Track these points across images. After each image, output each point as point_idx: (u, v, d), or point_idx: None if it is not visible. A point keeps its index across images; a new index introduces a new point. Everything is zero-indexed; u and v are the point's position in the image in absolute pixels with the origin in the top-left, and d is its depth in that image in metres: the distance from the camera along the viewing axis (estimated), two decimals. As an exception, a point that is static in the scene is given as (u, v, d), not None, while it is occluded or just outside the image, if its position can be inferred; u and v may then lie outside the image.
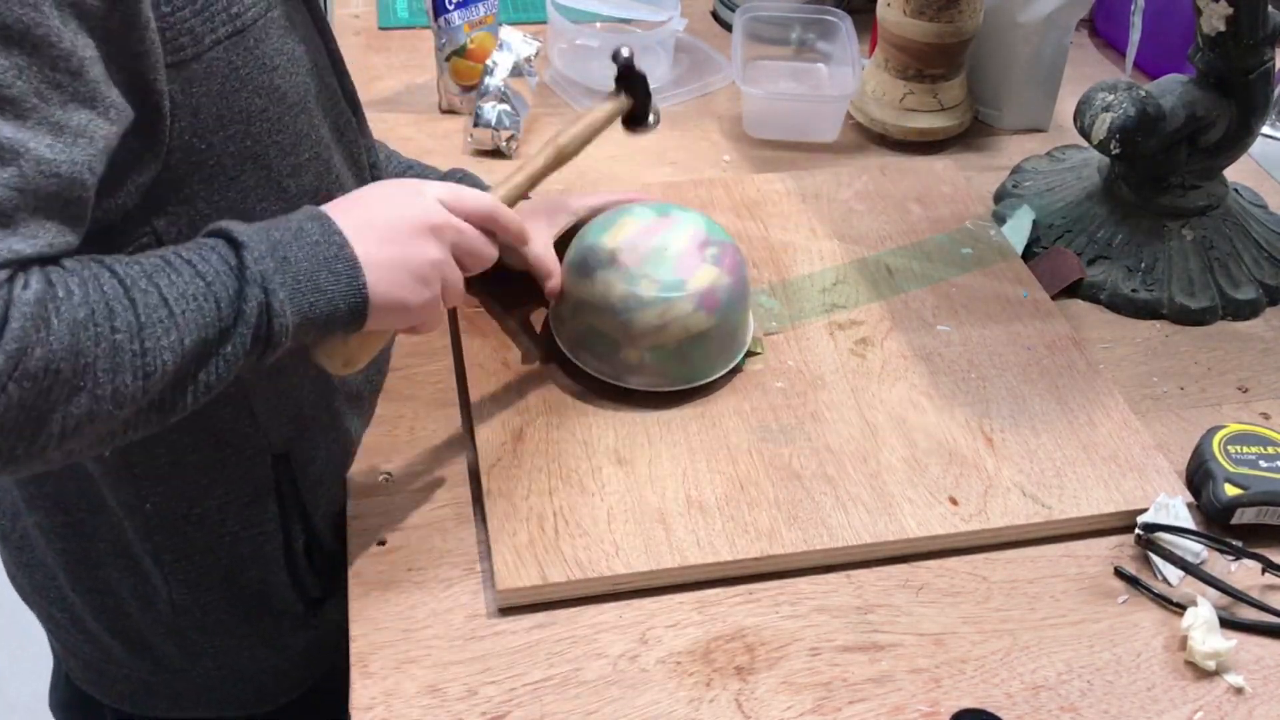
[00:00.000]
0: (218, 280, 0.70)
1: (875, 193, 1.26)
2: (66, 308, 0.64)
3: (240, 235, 0.72)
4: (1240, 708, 0.82)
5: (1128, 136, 1.11)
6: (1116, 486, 0.94)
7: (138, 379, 0.67)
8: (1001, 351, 1.07)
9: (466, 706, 0.79)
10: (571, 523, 0.89)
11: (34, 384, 0.62)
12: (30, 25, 0.62)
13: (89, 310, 0.65)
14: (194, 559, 0.89)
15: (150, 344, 0.67)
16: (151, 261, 0.69)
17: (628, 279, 0.97)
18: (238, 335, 0.71)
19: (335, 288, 0.74)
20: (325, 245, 0.74)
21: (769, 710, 0.80)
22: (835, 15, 1.46)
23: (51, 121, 0.64)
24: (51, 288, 0.64)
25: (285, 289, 0.72)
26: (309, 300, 0.73)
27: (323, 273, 0.74)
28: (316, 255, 0.74)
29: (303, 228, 0.74)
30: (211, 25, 0.73)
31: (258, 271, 0.71)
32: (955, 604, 0.88)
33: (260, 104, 0.78)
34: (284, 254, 0.72)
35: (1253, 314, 1.17)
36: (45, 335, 0.63)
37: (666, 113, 1.42)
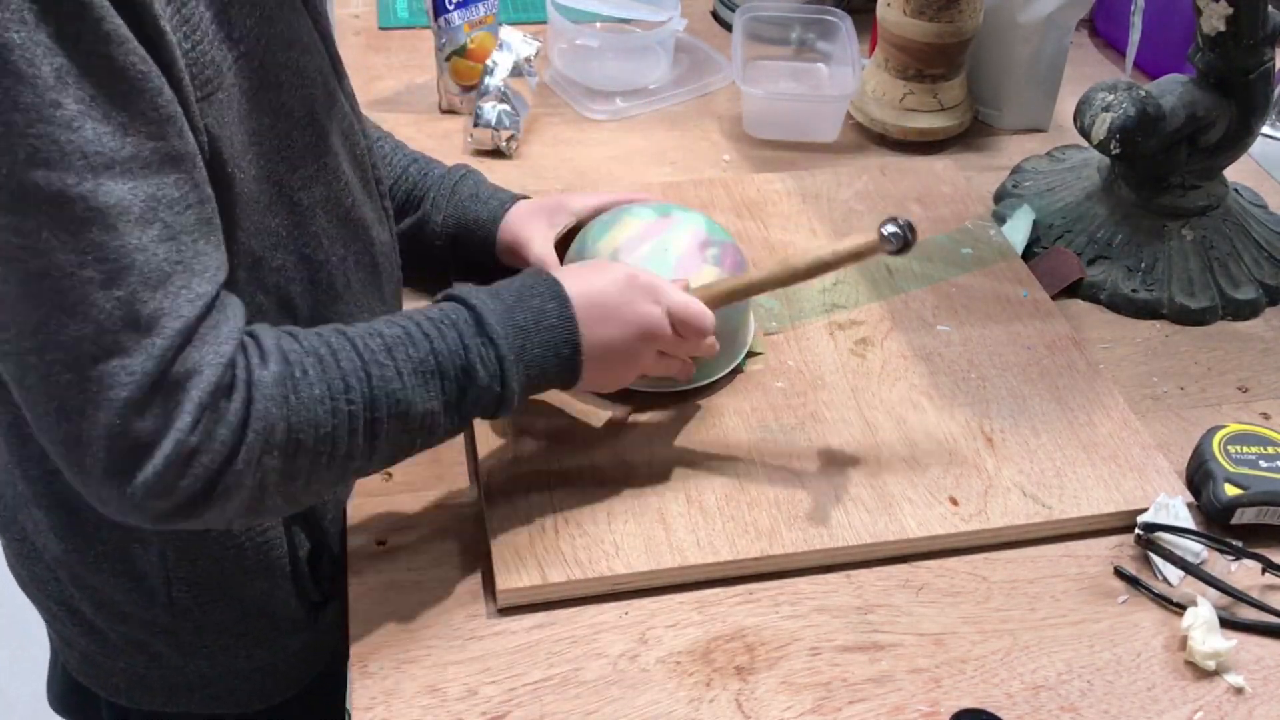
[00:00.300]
0: (449, 360, 0.77)
1: (875, 193, 1.26)
2: (304, 385, 0.72)
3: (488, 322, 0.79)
4: (1240, 708, 0.82)
5: (1128, 136, 1.11)
6: (1116, 486, 0.94)
7: (368, 440, 0.75)
8: (1001, 351, 1.07)
9: (466, 706, 0.79)
10: (571, 523, 0.89)
11: (282, 453, 0.71)
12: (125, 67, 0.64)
13: (325, 386, 0.72)
14: (197, 564, 0.89)
15: (380, 413, 0.75)
16: (394, 333, 0.77)
17: None
18: (464, 409, 0.79)
19: (556, 369, 0.83)
20: (560, 330, 0.82)
21: (769, 710, 0.80)
22: (835, 15, 1.46)
23: (167, 154, 0.67)
24: (289, 366, 0.72)
25: (518, 378, 0.80)
26: (533, 381, 0.82)
27: (550, 357, 0.82)
28: (550, 341, 0.82)
29: (544, 309, 0.82)
30: (223, 52, 0.73)
31: (499, 370, 0.79)
32: (955, 604, 0.88)
33: (268, 122, 0.78)
34: (523, 342, 0.81)
35: (1253, 314, 1.17)
36: (285, 411, 0.71)
37: (667, 112, 1.43)
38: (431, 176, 1.08)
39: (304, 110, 0.81)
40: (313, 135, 0.82)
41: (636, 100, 1.43)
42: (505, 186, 1.09)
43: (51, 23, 0.61)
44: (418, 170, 1.08)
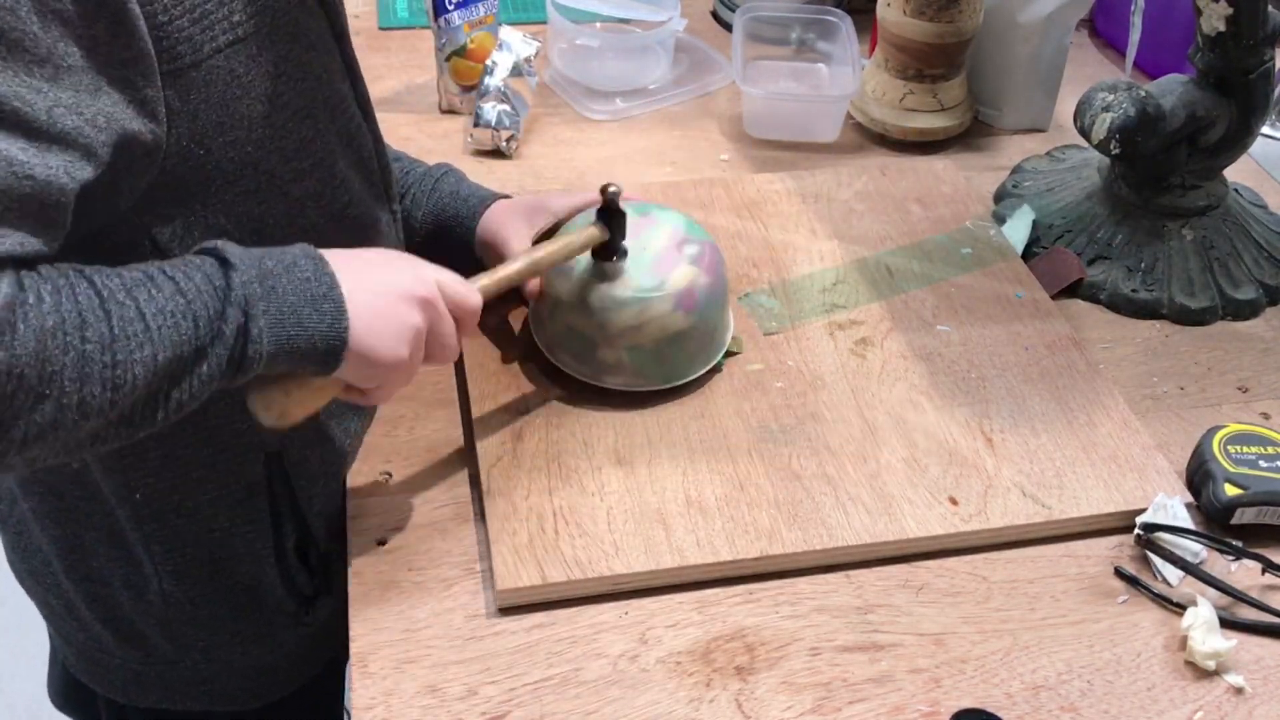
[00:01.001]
0: (199, 299, 0.70)
1: (875, 193, 1.26)
2: (35, 314, 0.63)
3: (231, 256, 0.72)
4: (1240, 708, 0.82)
5: (1128, 136, 1.11)
6: (1116, 486, 0.94)
7: (106, 391, 0.66)
8: (1001, 351, 1.07)
9: (466, 706, 0.79)
10: (571, 523, 0.89)
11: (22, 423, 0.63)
12: (6, 29, 0.62)
13: (59, 318, 0.64)
14: (184, 551, 0.89)
15: (122, 357, 0.66)
16: (134, 275, 0.69)
17: (605, 278, 0.97)
18: (213, 355, 0.70)
19: (317, 326, 0.74)
20: (315, 283, 0.75)
21: (769, 710, 0.80)
22: (835, 15, 1.46)
23: (27, 125, 0.63)
24: (22, 292, 0.63)
25: (267, 317, 0.72)
26: (289, 332, 0.73)
27: (307, 308, 0.74)
28: (304, 291, 0.74)
29: (296, 262, 0.75)
30: (211, 34, 0.73)
31: (242, 295, 0.71)
32: (955, 604, 0.88)
33: (262, 110, 0.77)
34: (272, 283, 0.73)
35: (1253, 314, 1.17)
36: (9, 339, 0.62)
37: (667, 112, 1.43)
38: (413, 174, 1.08)
39: (302, 104, 0.81)
40: (309, 131, 0.82)
41: (636, 100, 1.43)
42: (505, 186, 1.10)
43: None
44: (399, 168, 1.08)
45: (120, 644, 0.95)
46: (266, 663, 0.98)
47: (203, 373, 0.70)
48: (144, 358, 0.67)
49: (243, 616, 0.94)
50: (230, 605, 0.93)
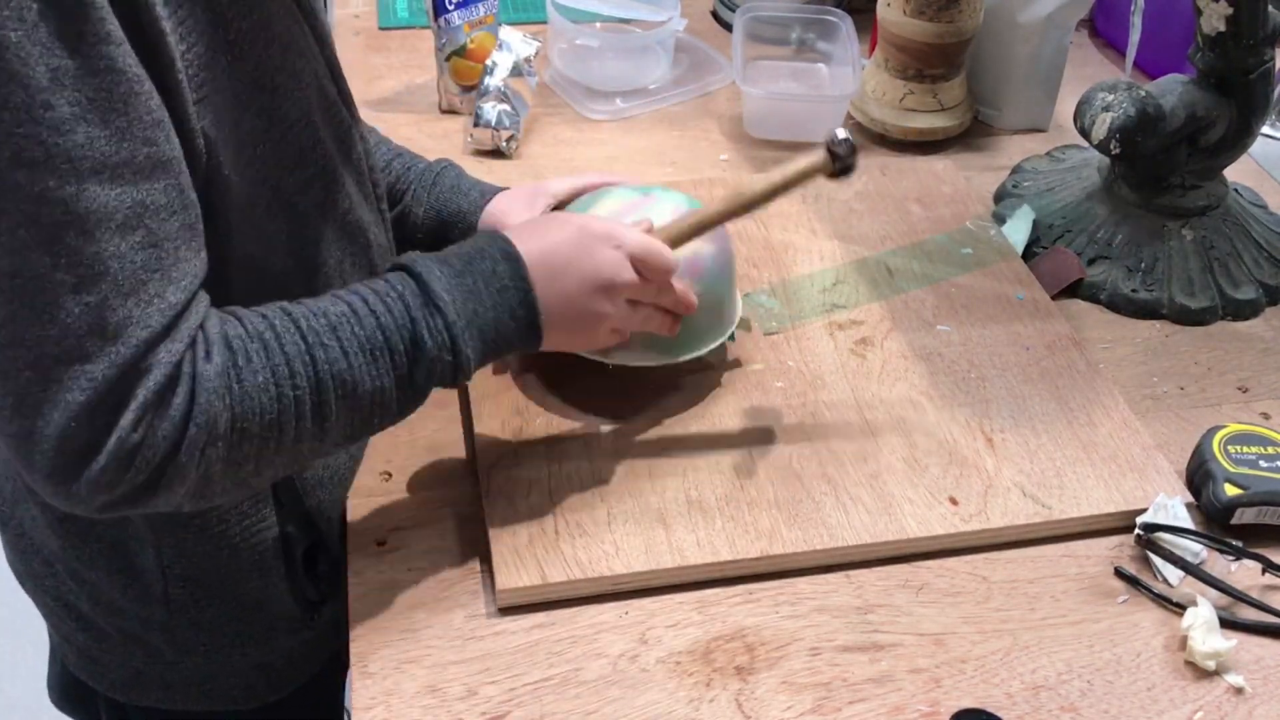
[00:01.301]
0: (397, 334, 0.76)
1: (875, 193, 1.26)
2: (248, 374, 0.71)
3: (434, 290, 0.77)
4: (1240, 708, 0.82)
5: (1128, 136, 1.11)
6: (1116, 486, 0.94)
7: (317, 423, 0.74)
8: (1001, 351, 1.07)
9: (466, 706, 0.79)
10: (571, 523, 0.89)
11: (226, 443, 0.70)
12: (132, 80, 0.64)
13: (270, 373, 0.71)
14: (193, 561, 0.89)
15: (327, 395, 0.73)
16: (339, 310, 0.75)
17: None
18: (417, 383, 0.77)
19: (515, 331, 0.81)
20: (514, 291, 0.80)
21: (769, 710, 0.80)
22: (835, 15, 1.46)
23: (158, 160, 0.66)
24: (233, 354, 0.70)
25: (472, 343, 0.79)
26: (490, 344, 0.80)
27: (506, 319, 0.80)
28: (503, 302, 0.80)
29: (495, 270, 0.80)
30: (217, 55, 0.72)
31: (447, 337, 0.77)
32: (955, 604, 0.88)
33: (262, 125, 0.77)
34: (474, 306, 0.79)
35: (1253, 314, 1.17)
36: (229, 401, 0.70)
37: (667, 112, 1.43)
38: (414, 171, 1.08)
39: (299, 114, 0.81)
40: (309, 139, 0.82)
41: (636, 100, 1.43)
42: (505, 186, 1.09)
43: (51, 21, 0.61)
44: (400, 165, 1.08)
45: (121, 644, 0.95)
46: (268, 663, 0.98)
47: (409, 394, 0.78)
48: (347, 392, 0.74)
49: (247, 621, 0.94)
50: (235, 611, 0.93)
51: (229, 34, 0.73)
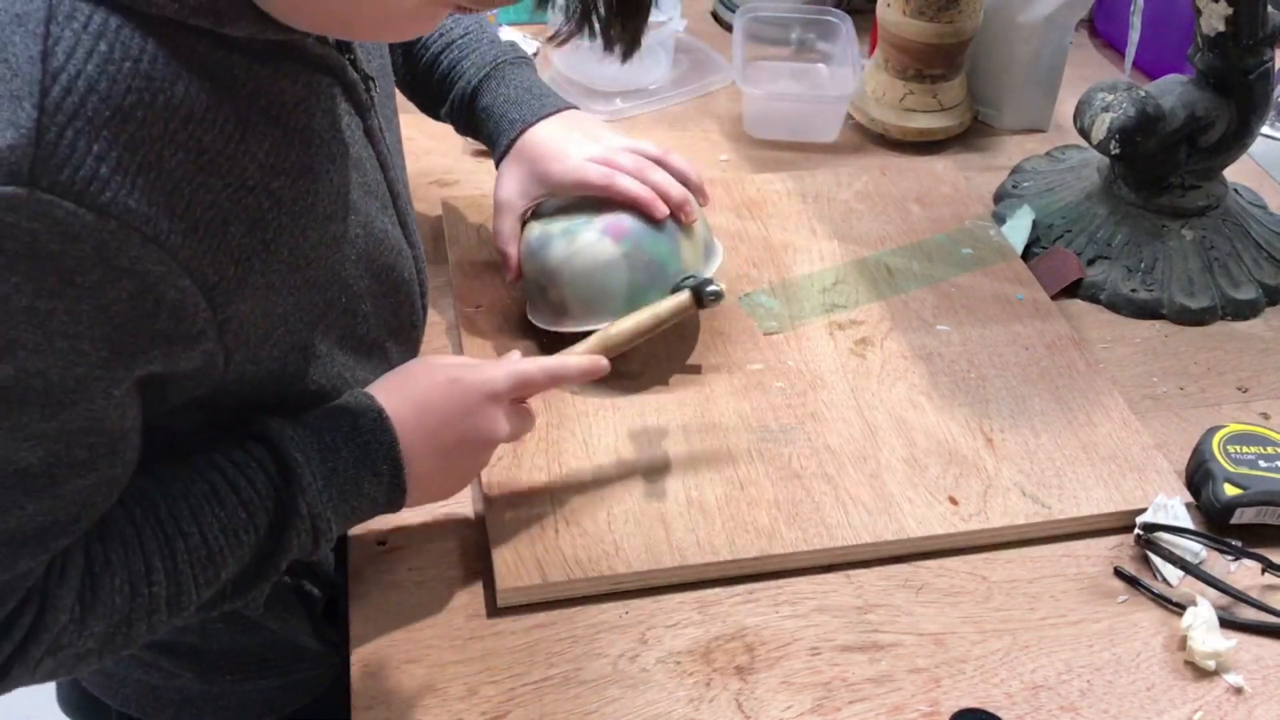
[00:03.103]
0: (260, 510, 0.73)
1: (875, 193, 1.26)
2: (104, 580, 0.68)
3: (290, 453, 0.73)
4: (1240, 708, 0.82)
5: (1127, 136, 1.11)
6: (1116, 486, 0.94)
7: (173, 612, 0.71)
8: (1001, 351, 1.07)
9: (466, 706, 0.80)
10: (571, 523, 0.89)
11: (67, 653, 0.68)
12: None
13: (126, 574, 0.69)
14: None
15: (186, 584, 0.71)
16: (199, 490, 0.72)
17: (543, 222, 1.00)
18: (278, 558, 0.74)
19: (377, 491, 0.77)
20: (376, 446, 0.76)
21: (769, 710, 0.80)
22: (835, 15, 1.46)
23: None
24: (89, 561, 0.68)
25: (332, 506, 0.75)
26: (351, 508, 0.77)
27: (368, 478, 0.76)
28: (364, 459, 0.76)
29: (356, 425, 0.76)
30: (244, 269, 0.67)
31: (308, 514, 0.74)
32: (955, 604, 0.88)
33: (292, 301, 0.72)
34: (333, 464, 0.75)
35: (1253, 314, 1.17)
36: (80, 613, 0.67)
37: (666, 113, 1.43)
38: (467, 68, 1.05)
39: (331, 275, 0.75)
40: (337, 292, 0.76)
41: (636, 100, 1.43)
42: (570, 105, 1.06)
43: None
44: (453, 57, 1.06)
45: (140, 666, 0.95)
46: (286, 685, 0.98)
47: (267, 569, 0.75)
48: (208, 578, 0.72)
49: (275, 649, 0.95)
50: (265, 642, 0.94)
51: (266, 233, 0.67)
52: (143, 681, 0.96)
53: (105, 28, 0.57)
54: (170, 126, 0.59)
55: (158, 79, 0.59)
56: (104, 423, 0.63)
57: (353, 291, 0.78)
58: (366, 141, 0.79)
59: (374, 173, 0.80)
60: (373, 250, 0.79)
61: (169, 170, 0.59)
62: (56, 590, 0.66)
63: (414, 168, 1.28)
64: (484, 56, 1.05)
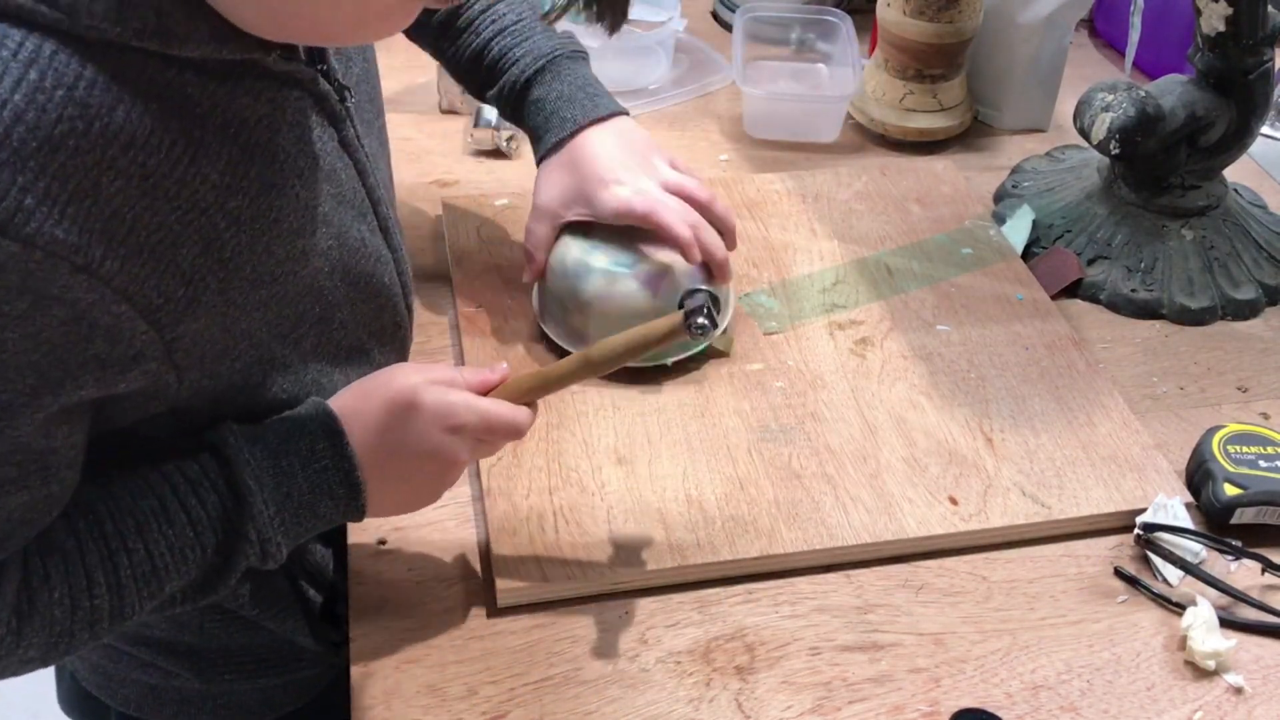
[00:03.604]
0: (209, 530, 0.72)
1: (875, 193, 1.26)
2: (42, 594, 0.67)
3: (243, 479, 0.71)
4: (1240, 708, 0.82)
5: (1127, 136, 1.11)
6: (1116, 486, 0.94)
7: (114, 622, 0.71)
8: (1001, 351, 1.07)
9: (466, 706, 0.80)
10: (571, 523, 0.89)
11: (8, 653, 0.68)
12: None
13: (66, 588, 0.68)
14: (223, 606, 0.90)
15: (129, 598, 0.70)
16: (148, 505, 0.70)
17: (585, 248, 0.99)
18: (225, 576, 0.74)
19: (334, 512, 0.76)
20: (334, 471, 0.74)
21: (769, 710, 0.80)
22: (835, 15, 1.46)
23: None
24: (26, 573, 0.67)
25: (283, 530, 0.74)
26: (305, 528, 0.76)
27: (324, 500, 0.75)
28: (320, 483, 0.74)
29: (314, 449, 0.74)
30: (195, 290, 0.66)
31: (257, 540, 0.73)
32: (955, 604, 0.88)
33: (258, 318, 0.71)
34: (287, 489, 0.73)
35: (1253, 314, 1.17)
36: (16, 624, 0.67)
37: (666, 113, 1.43)
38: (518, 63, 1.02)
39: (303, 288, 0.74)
40: (311, 302, 0.76)
41: (636, 100, 1.43)
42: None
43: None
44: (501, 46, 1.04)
45: (138, 665, 0.95)
46: (284, 685, 0.99)
47: (215, 585, 0.74)
48: (152, 592, 0.71)
49: (274, 649, 0.95)
50: (263, 642, 0.94)
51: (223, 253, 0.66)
52: (141, 681, 0.96)
53: (38, 54, 0.56)
54: (108, 153, 0.58)
55: (94, 105, 0.57)
56: (31, 445, 0.63)
57: (328, 301, 0.77)
58: (341, 151, 0.77)
59: (350, 181, 0.78)
60: (348, 260, 0.78)
61: (107, 197, 0.58)
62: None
63: (414, 168, 1.28)
64: (540, 47, 1.02)
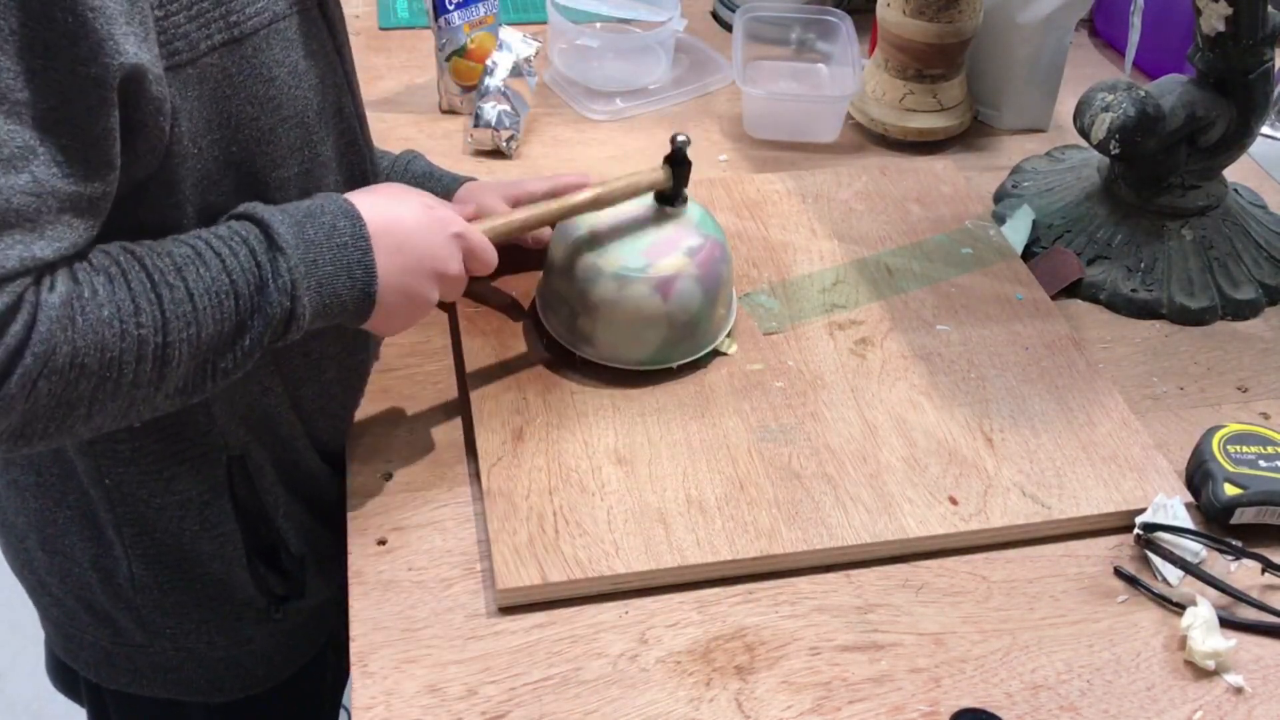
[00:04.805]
0: (243, 278, 0.74)
1: (875, 193, 1.26)
2: (92, 307, 0.68)
3: (278, 233, 0.75)
4: (1240, 708, 0.82)
5: (1127, 136, 1.11)
6: (1116, 486, 0.94)
7: (157, 367, 0.71)
8: (1001, 351, 1.07)
9: (466, 706, 0.80)
10: (571, 522, 0.89)
11: (61, 378, 0.66)
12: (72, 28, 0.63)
13: (115, 308, 0.68)
14: (155, 538, 0.90)
15: (173, 337, 0.71)
16: (183, 252, 0.73)
17: (596, 251, 0.99)
18: (254, 330, 0.75)
19: (350, 293, 0.79)
20: (352, 249, 0.78)
21: (769, 710, 0.80)
22: (835, 15, 1.46)
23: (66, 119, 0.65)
24: (78, 286, 0.68)
25: (309, 294, 0.76)
26: (325, 302, 0.78)
27: (343, 277, 0.78)
28: (341, 259, 0.78)
29: (336, 225, 0.78)
30: (207, 31, 0.73)
31: (289, 281, 0.75)
32: (955, 604, 0.88)
33: (252, 112, 0.77)
34: (314, 256, 0.77)
35: (1252, 314, 1.17)
36: (71, 334, 0.66)
37: (666, 113, 1.43)
38: (384, 161, 1.09)
39: (295, 111, 0.81)
40: (300, 138, 0.82)
41: (636, 100, 1.43)
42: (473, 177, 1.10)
43: None
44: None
45: (92, 622, 0.96)
46: (235, 658, 0.98)
47: (247, 345, 0.75)
48: (190, 335, 0.72)
49: (211, 608, 0.95)
50: (199, 595, 0.94)
51: (230, 15, 0.74)
52: (97, 645, 0.97)
53: None
54: None
55: None
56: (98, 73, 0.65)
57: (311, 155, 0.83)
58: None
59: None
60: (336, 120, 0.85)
61: None
62: (47, 299, 0.66)
63: (414, 168, 1.28)
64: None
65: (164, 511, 0.89)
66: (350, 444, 0.97)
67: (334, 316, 0.80)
